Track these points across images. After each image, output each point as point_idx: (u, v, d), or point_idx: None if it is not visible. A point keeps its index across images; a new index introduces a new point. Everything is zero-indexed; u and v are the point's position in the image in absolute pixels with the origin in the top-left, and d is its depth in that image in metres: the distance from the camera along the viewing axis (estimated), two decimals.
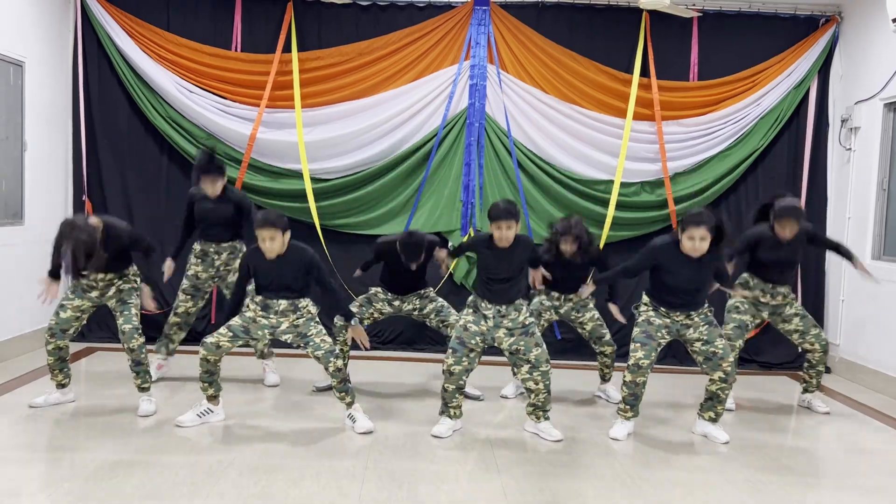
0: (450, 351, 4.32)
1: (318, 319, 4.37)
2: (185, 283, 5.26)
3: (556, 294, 5.13)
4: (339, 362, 4.28)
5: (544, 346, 4.35)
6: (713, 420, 4.53)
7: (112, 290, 4.53)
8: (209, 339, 4.25)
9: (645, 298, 4.52)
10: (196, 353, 5.73)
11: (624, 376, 4.42)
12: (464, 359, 4.29)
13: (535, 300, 5.15)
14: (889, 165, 6.09)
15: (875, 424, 5.06)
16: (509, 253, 4.26)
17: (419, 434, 4.37)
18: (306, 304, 4.36)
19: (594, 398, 5.42)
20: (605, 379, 5.38)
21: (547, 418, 4.43)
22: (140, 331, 4.50)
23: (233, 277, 5.13)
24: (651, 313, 4.42)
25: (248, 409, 4.73)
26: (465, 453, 4.08)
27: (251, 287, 4.48)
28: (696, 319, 4.38)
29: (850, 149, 6.49)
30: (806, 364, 5.22)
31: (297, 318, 4.31)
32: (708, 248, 4.21)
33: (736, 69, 6.64)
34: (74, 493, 3.34)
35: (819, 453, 4.49)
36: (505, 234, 4.18)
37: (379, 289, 5.11)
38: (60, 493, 3.34)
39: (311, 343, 4.27)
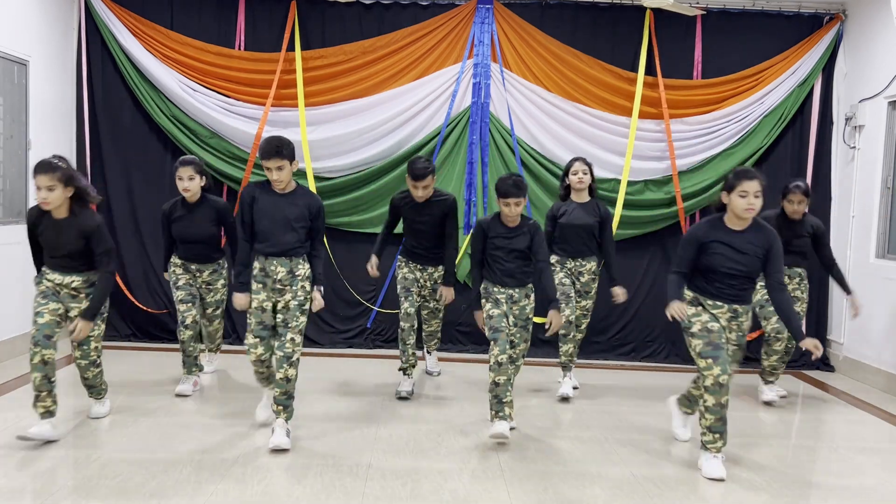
0: (492, 342, 4.21)
1: (306, 307, 4.03)
2: (178, 294, 4.98)
3: (571, 270, 5.25)
4: (292, 371, 3.95)
5: (529, 342, 4.46)
6: (687, 413, 4.40)
7: (75, 310, 4.07)
8: (251, 358, 4.07)
9: (688, 295, 3.94)
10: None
11: (704, 400, 3.80)
12: (507, 347, 4.20)
13: (560, 288, 5.25)
14: (893, 164, 6.07)
15: (879, 423, 5.05)
16: (517, 229, 4.26)
17: (422, 432, 4.38)
18: (303, 272, 4.01)
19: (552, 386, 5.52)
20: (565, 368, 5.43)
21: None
22: (97, 363, 4.21)
23: (212, 297, 5.06)
24: (704, 317, 3.84)
25: (251, 407, 4.73)
26: (468, 452, 4.09)
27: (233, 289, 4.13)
28: (734, 334, 3.90)
29: (854, 147, 6.48)
30: (775, 356, 5.30)
31: (291, 299, 3.98)
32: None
33: (739, 67, 6.62)
34: (78, 491, 3.35)
35: (823, 452, 4.49)
36: (514, 210, 4.17)
37: (405, 270, 5.16)
38: (64, 490, 3.35)
39: (282, 336, 3.96)
